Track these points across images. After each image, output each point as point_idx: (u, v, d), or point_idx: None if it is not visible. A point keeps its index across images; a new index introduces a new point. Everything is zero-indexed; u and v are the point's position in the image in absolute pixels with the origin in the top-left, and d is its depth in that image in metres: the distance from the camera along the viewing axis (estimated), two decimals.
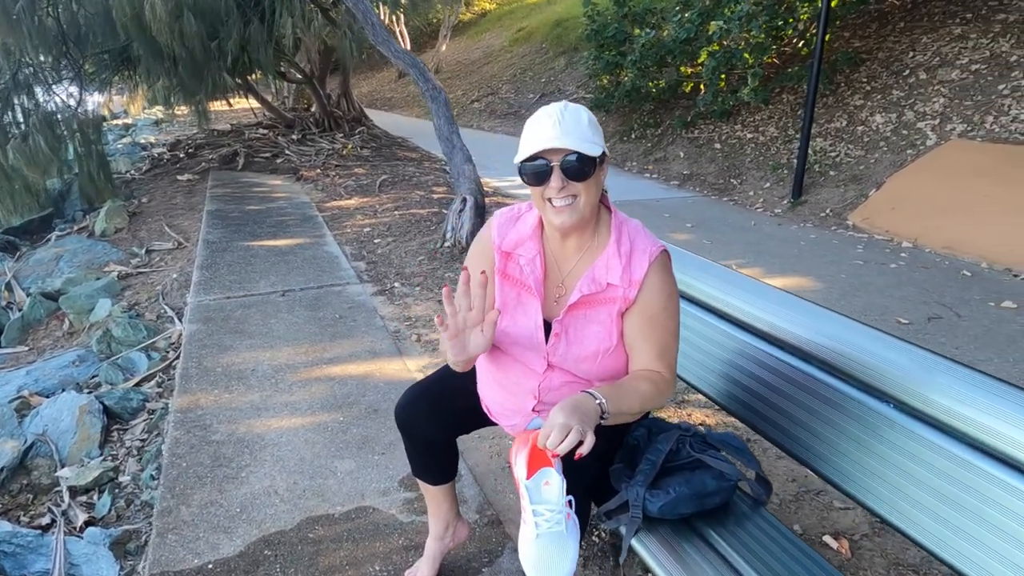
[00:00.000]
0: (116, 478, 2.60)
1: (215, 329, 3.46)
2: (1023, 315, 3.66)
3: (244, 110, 14.42)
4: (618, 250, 1.33)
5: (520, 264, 1.39)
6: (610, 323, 1.34)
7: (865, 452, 1.34)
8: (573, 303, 1.34)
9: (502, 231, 1.42)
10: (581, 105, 1.29)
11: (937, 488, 1.23)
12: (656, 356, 1.33)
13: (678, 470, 1.38)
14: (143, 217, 6.46)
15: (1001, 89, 5.88)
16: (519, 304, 1.40)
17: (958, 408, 1.21)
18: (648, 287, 1.32)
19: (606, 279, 1.32)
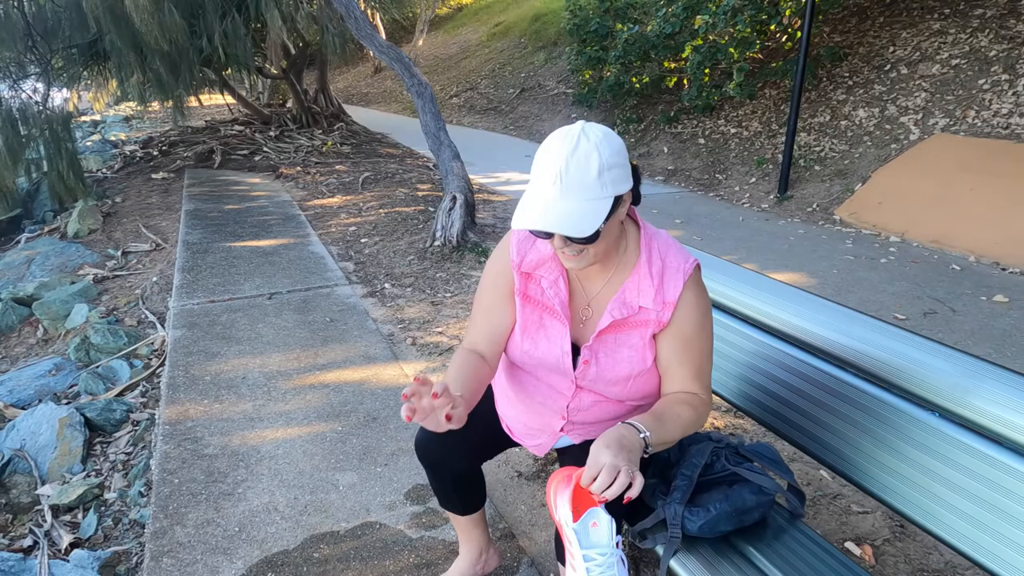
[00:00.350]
0: (102, 495, 2.48)
1: (201, 335, 3.33)
2: (1015, 309, 3.69)
3: (218, 106, 14.12)
4: (649, 270, 1.23)
5: (542, 286, 1.29)
6: (643, 346, 1.25)
7: (890, 452, 1.30)
8: (604, 328, 1.25)
9: (521, 250, 1.30)
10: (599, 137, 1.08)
11: (969, 489, 1.19)
12: (692, 377, 1.25)
13: (715, 485, 1.32)
14: (118, 217, 6.25)
15: (981, 84, 5.93)
16: (542, 327, 1.30)
17: (991, 408, 1.17)
18: (683, 308, 1.23)
19: (638, 302, 1.23)
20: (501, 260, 1.33)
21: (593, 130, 1.08)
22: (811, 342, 1.51)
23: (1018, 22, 6.21)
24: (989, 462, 1.18)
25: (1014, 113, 5.55)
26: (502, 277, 1.32)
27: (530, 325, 1.30)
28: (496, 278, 1.33)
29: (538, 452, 1.43)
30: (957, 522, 1.21)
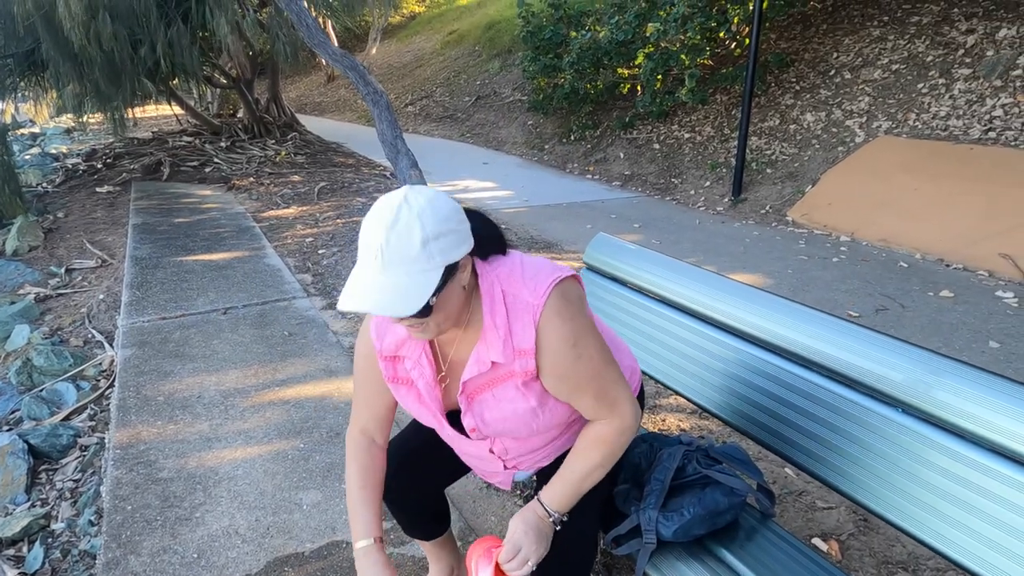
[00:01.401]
0: (48, 526, 2.35)
1: (152, 353, 3.20)
2: (960, 304, 3.83)
3: (165, 117, 13.73)
4: (494, 322, 1.11)
5: (407, 367, 1.21)
6: (520, 396, 1.16)
7: (855, 448, 1.32)
8: (463, 392, 1.17)
9: (380, 334, 1.22)
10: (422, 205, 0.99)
11: (932, 482, 1.22)
12: (594, 404, 1.16)
13: (687, 488, 1.32)
14: (60, 233, 6.00)
15: (920, 88, 6.18)
16: (423, 406, 1.23)
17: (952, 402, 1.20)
18: (545, 351, 1.11)
19: (489, 358, 1.13)
20: (366, 345, 1.25)
21: (417, 198, 0.99)
22: (773, 341, 1.53)
23: (952, 29, 6.50)
24: (952, 455, 1.21)
25: (951, 116, 5.78)
26: (371, 363, 1.25)
27: (411, 405, 1.25)
28: (366, 366, 1.26)
29: (503, 487, 1.41)
30: (921, 514, 1.23)
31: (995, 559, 1.14)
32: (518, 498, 2.13)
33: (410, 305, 0.96)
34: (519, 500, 2.12)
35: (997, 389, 1.19)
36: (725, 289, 1.67)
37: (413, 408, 1.25)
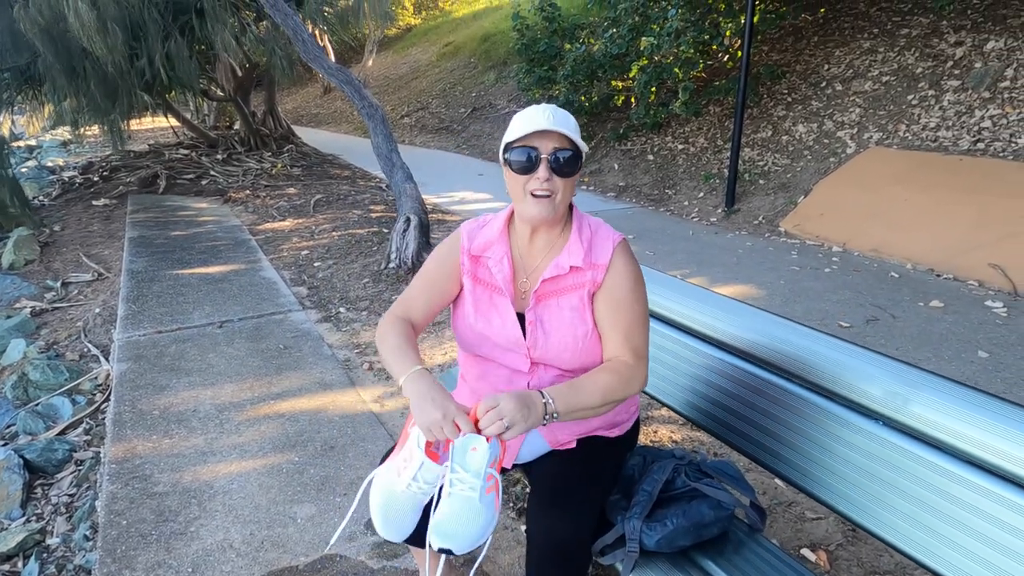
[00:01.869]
0: (44, 541, 2.36)
1: (148, 367, 3.22)
2: (950, 313, 3.86)
3: (162, 129, 13.78)
4: (579, 237, 1.37)
5: (489, 267, 1.41)
6: (582, 307, 1.36)
7: (837, 460, 1.35)
8: (538, 290, 1.36)
9: (472, 235, 1.45)
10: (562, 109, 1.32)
11: (911, 493, 1.25)
12: (622, 341, 1.34)
13: (674, 500, 1.34)
14: (57, 247, 6.01)
15: (910, 99, 6.25)
16: (492, 305, 1.41)
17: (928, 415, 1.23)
18: (614, 272, 1.36)
19: (568, 263, 1.35)
20: (451, 244, 1.46)
21: None
22: (756, 354, 1.56)
23: (941, 41, 6.58)
24: (930, 467, 1.24)
25: (941, 127, 5.85)
26: (450, 258, 1.44)
27: (481, 304, 1.41)
28: (444, 258, 1.45)
29: (506, 462, 1.43)
30: (902, 525, 1.26)
31: (972, 569, 1.16)
32: (511, 509, 2.15)
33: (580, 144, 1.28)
34: (512, 514, 2.14)
35: (971, 402, 1.22)
36: (710, 302, 1.70)
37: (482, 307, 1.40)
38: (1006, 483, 1.13)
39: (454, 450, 1.16)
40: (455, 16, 19.72)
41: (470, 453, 1.16)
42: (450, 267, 1.44)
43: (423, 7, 22.04)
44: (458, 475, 1.15)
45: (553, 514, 1.25)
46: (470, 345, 1.44)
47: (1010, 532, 1.12)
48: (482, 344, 1.41)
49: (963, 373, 3.12)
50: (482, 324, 1.40)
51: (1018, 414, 1.17)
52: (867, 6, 7.73)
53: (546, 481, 1.34)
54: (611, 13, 7.97)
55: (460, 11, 20.25)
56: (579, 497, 1.29)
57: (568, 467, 1.38)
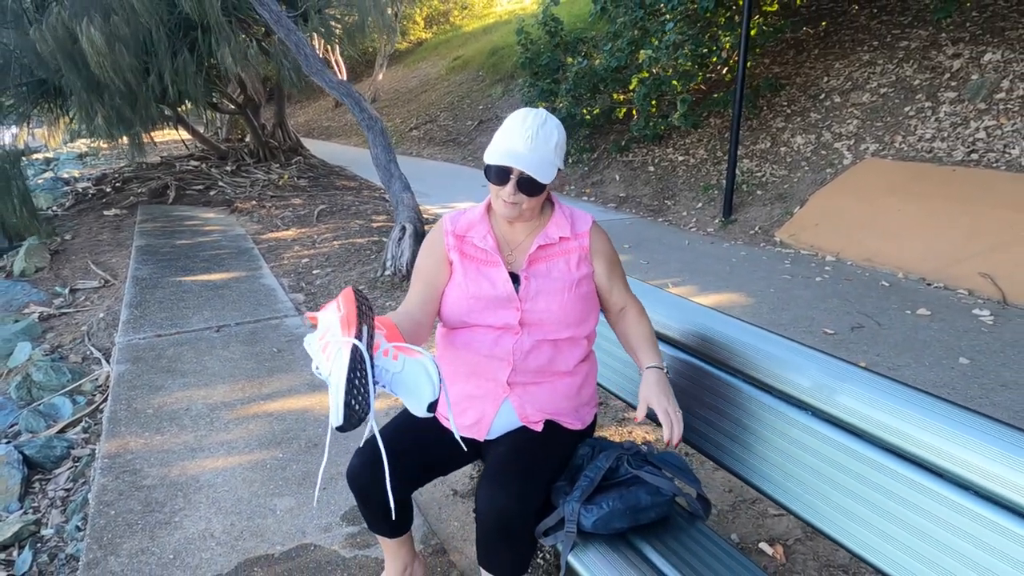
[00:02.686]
0: (38, 531, 2.46)
1: (145, 369, 3.33)
2: (936, 321, 3.90)
3: (174, 142, 14.06)
4: (562, 213, 1.58)
5: (474, 243, 1.56)
6: (569, 268, 1.54)
7: (783, 456, 1.41)
8: (532, 254, 1.53)
9: (454, 220, 1.59)
10: (557, 123, 1.46)
11: (832, 477, 1.31)
12: (625, 289, 1.62)
13: (615, 487, 1.41)
14: (66, 255, 6.18)
15: (907, 111, 6.29)
16: (480, 274, 1.53)
17: (867, 411, 1.29)
18: (597, 238, 1.59)
19: (558, 234, 1.55)
20: (434, 234, 1.60)
21: (552, 116, 1.47)
22: (697, 347, 1.64)
23: (939, 53, 6.62)
24: (855, 456, 1.30)
25: (936, 138, 5.89)
26: (435, 246, 1.58)
27: (470, 272, 1.54)
28: (430, 248, 1.59)
29: (478, 434, 1.52)
30: (830, 512, 1.32)
31: (890, 552, 1.22)
32: None
33: (544, 177, 1.41)
34: None
35: (893, 394, 1.28)
36: (653, 297, 1.78)
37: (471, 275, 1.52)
38: (926, 471, 1.19)
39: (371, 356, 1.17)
40: (465, 30, 19.99)
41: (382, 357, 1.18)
42: (437, 254, 1.56)
43: (434, 21, 22.37)
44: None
45: (499, 491, 1.33)
46: (460, 313, 1.53)
47: (928, 519, 1.17)
48: (473, 308, 1.51)
49: (941, 379, 3.16)
50: (474, 288, 1.51)
51: (938, 406, 1.23)
52: (868, 19, 7.79)
53: (499, 458, 1.42)
54: (612, 27, 8.10)
55: (470, 25, 20.53)
56: (525, 477, 1.37)
57: (522, 448, 1.46)
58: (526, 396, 1.52)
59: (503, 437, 1.52)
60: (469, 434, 1.55)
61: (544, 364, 1.52)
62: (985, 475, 1.12)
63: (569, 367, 1.55)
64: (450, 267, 1.55)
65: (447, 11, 22.39)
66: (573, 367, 1.56)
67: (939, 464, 1.18)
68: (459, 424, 1.56)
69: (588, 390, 1.62)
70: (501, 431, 1.53)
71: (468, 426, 1.55)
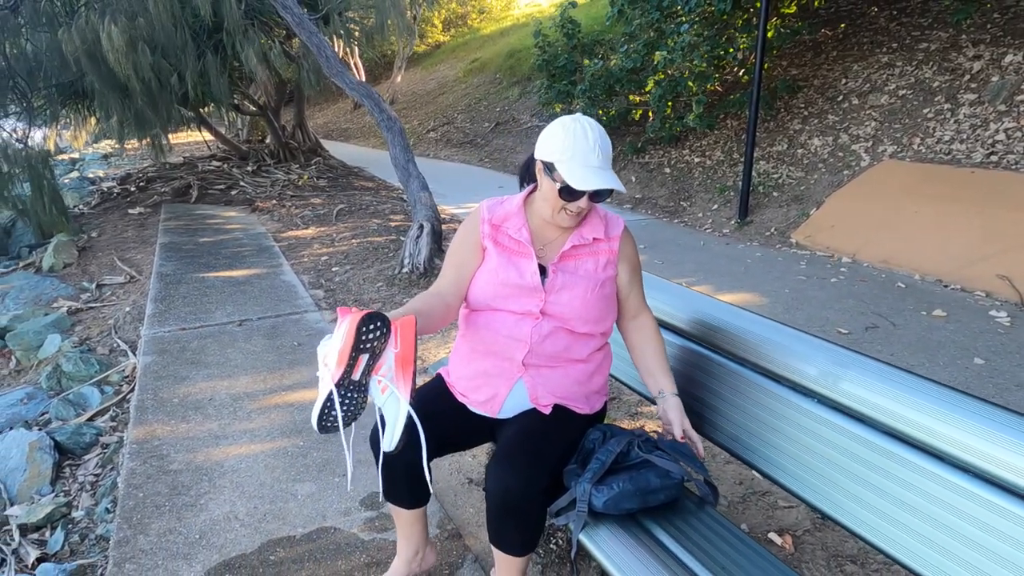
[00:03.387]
0: (69, 514, 2.56)
1: (171, 360, 3.43)
2: (952, 322, 3.89)
3: (197, 143, 14.29)
4: (597, 214, 1.64)
5: (508, 233, 1.61)
6: (597, 269, 1.61)
7: (792, 444, 1.45)
8: (565, 251, 1.59)
9: (491, 209, 1.66)
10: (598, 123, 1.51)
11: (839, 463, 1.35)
12: (640, 298, 1.68)
13: (625, 469, 1.46)
14: (93, 252, 6.34)
15: (926, 113, 6.27)
16: (511, 263, 1.59)
17: (874, 399, 1.33)
18: (625, 243, 1.66)
19: (592, 235, 1.61)
20: (471, 220, 1.67)
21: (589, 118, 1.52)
22: (704, 336, 1.69)
23: (959, 55, 6.59)
24: (860, 442, 1.34)
25: (955, 140, 5.86)
26: (471, 232, 1.64)
27: (501, 261, 1.60)
28: (466, 234, 1.65)
29: (490, 411, 1.59)
30: (836, 496, 1.36)
31: (896, 534, 1.26)
32: None
33: (622, 186, 1.48)
34: None
35: (896, 380, 1.32)
36: (661, 288, 1.82)
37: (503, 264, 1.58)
38: (931, 457, 1.22)
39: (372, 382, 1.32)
40: (482, 33, 20.10)
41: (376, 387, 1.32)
42: (472, 240, 1.62)
43: (452, 24, 22.50)
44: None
45: (507, 471, 1.39)
46: (486, 297, 1.59)
47: (935, 504, 1.21)
48: (499, 294, 1.57)
49: (955, 378, 3.17)
50: (503, 275, 1.57)
51: (945, 393, 1.26)
52: (887, 21, 7.76)
53: (509, 440, 1.48)
54: (628, 28, 8.14)
55: (488, 28, 20.64)
56: (533, 458, 1.43)
57: (531, 430, 1.51)
58: (539, 378, 1.58)
59: (513, 419, 1.58)
60: (482, 410, 1.62)
61: (560, 350, 1.58)
62: (991, 460, 1.15)
63: (583, 355, 1.61)
64: (483, 253, 1.62)
65: (465, 14, 22.52)
66: (587, 355, 1.62)
67: (944, 449, 1.21)
68: (473, 400, 1.63)
69: (600, 379, 1.67)
70: (513, 411, 1.59)
71: (481, 402, 1.61)
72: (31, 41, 7.29)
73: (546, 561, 1.94)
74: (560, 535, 2.05)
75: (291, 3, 5.39)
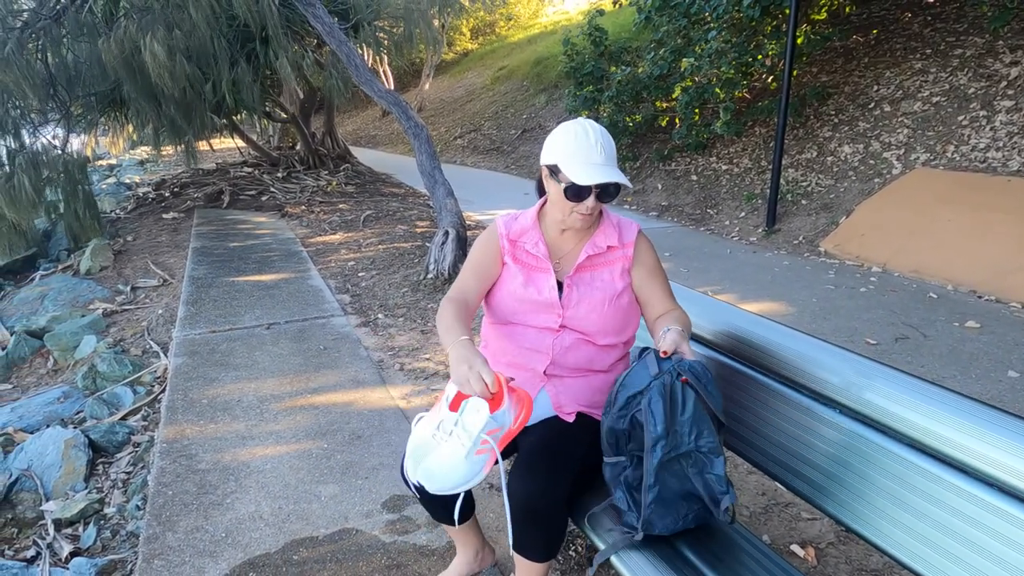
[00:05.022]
0: (102, 510, 2.63)
1: (201, 362, 3.51)
2: (986, 334, 3.80)
3: (229, 149, 14.58)
4: (610, 222, 1.64)
5: (526, 249, 1.63)
6: (613, 278, 1.60)
7: (816, 455, 1.43)
8: (580, 263, 1.59)
9: (507, 225, 1.67)
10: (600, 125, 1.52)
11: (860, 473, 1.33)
12: (667, 296, 1.62)
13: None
14: (128, 255, 6.51)
15: (960, 120, 6.14)
16: (531, 278, 1.61)
17: (898, 411, 1.31)
18: (641, 247, 1.63)
19: (606, 243, 1.61)
20: (489, 235, 1.68)
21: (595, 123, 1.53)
22: (729, 346, 1.68)
23: (996, 61, 6.45)
24: (881, 452, 1.32)
25: (991, 147, 5.73)
26: (491, 245, 1.65)
27: (519, 278, 1.61)
28: (486, 246, 1.66)
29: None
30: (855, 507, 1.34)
31: (915, 545, 1.24)
32: None
33: (626, 182, 1.48)
34: None
35: (919, 391, 1.30)
36: (687, 299, 1.82)
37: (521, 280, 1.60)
38: (957, 471, 1.21)
39: (464, 405, 1.33)
40: (510, 41, 20.21)
41: (473, 413, 1.32)
42: (493, 252, 1.64)
43: (480, 33, 22.66)
44: (459, 428, 1.31)
45: (529, 477, 1.40)
46: (505, 313, 1.63)
47: (962, 519, 1.19)
48: (518, 310, 1.60)
49: (988, 391, 3.10)
50: (521, 292, 1.59)
51: (974, 407, 1.24)
52: (921, 27, 7.63)
53: (531, 447, 1.49)
54: (655, 35, 8.12)
55: (515, 36, 20.74)
56: (554, 465, 1.44)
57: (553, 437, 1.52)
58: (561, 387, 1.59)
59: (535, 426, 1.59)
60: None
61: (582, 362, 1.60)
62: (1018, 475, 1.14)
63: (605, 366, 1.62)
64: (502, 268, 1.64)
65: (493, 22, 22.67)
66: (609, 366, 1.62)
67: (974, 465, 1.18)
68: None
69: None
70: (535, 419, 1.60)
71: None
72: (72, 50, 7.53)
73: (565, 568, 1.95)
74: (580, 542, 2.05)
75: (322, 13, 5.49)
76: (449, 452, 1.31)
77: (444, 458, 1.31)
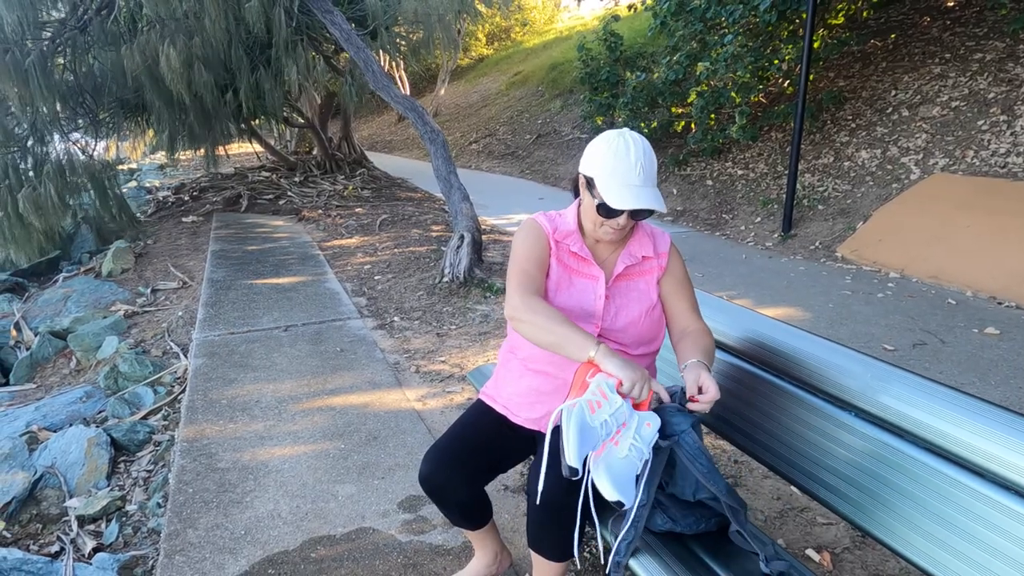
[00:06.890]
0: (123, 507, 2.67)
1: (220, 363, 3.56)
2: (1006, 341, 3.76)
3: (247, 154, 14.75)
4: (645, 232, 1.65)
5: (571, 251, 1.61)
6: (648, 289, 1.61)
7: (831, 459, 1.44)
8: (619, 273, 1.59)
9: (552, 222, 1.63)
10: (645, 140, 1.48)
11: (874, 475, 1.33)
12: (691, 310, 1.62)
13: None
14: (149, 258, 6.61)
15: (980, 124, 6.08)
16: (571, 284, 1.59)
17: (917, 415, 1.31)
18: (673, 258, 1.65)
19: (641, 253, 1.61)
20: (535, 230, 1.62)
21: (637, 135, 1.49)
22: (747, 351, 1.68)
23: (1017, 65, 6.39)
24: (901, 457, 1.32)
25: (1011, 152, 5.67)
26: (540, 240, 1.60)
27: (562, 283, 1.59)
28: (535, 240, 1.60)
29: (541, 426, 1.61)
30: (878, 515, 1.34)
31: (925, 544, 1.24)
32: None
33: (663, 206, 1.45)
34: None
35: (935, 395, 1.30)
36: (710, 304, 1.83)
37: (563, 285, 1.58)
38: (975, 475, 1.21)
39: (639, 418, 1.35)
40: (525, 46, 20.28)
41: (644, 428, 1.35)
42: (543, 247, 1.60)
43: (496, 38, 22.77)
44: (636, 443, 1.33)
45: (549, 477, 1.41)
46: None
47: (981, 524, 1.19)
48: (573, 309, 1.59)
49: (1007, 398, 3.07)
50: (563, 298, 1.57)
51: (985, 408, 1.24)
52: (940, 31, 7.57)
53: (553, 447, 1.50)
54: (670, 40, 8.13)
55: (530, 41, 20.82)
56: None
57: None
58: None
59: (557, 428, 1.60)
60: (535, 427, 1.63)
61: None
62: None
63: None
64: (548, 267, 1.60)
65: (509, 28, 22.77)
66: None
67: (991, 468, 1.18)
68: (527, 417, 1.63)
69: None
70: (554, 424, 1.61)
71: (535, 419, 1.62)
72: (97, 59, 7.67)
73: (580, 569, 1.96)
74: (595, 543, 2.06)
75: (340, 19, 5.56)
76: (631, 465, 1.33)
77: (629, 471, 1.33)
